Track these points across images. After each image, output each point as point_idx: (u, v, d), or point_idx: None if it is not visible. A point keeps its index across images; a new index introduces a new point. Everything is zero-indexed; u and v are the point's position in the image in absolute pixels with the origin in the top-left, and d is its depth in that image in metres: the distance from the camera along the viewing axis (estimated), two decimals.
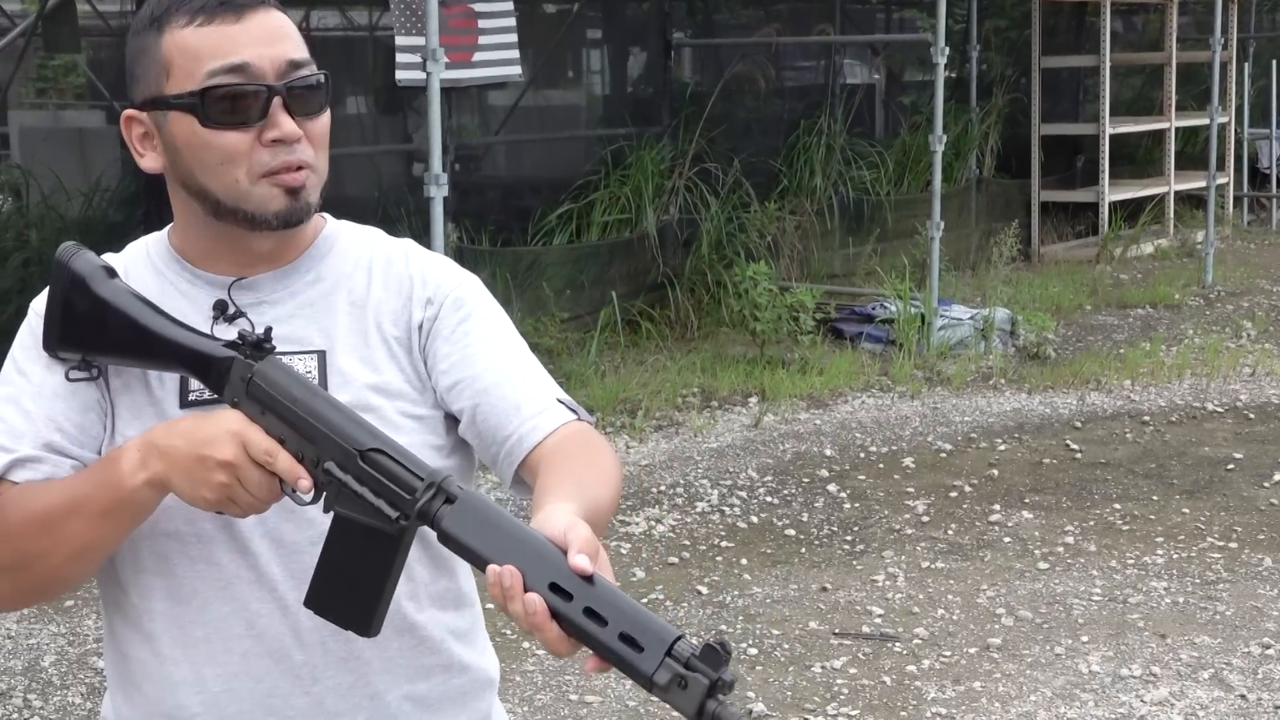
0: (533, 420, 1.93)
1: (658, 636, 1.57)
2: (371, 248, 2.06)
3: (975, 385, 9.62)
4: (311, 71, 1.92)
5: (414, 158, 11.01)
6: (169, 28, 1.88)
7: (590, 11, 12.95)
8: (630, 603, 1.60)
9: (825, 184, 12.32)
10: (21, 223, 8.66)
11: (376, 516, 1.74)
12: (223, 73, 1.86)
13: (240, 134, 1.88)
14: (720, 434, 8.53)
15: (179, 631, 1.95)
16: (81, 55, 12.81)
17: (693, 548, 6.76)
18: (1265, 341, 10.83)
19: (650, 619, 1.58)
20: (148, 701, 1.99)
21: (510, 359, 2.00)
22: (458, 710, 2.07)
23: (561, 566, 1.61)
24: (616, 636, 1.57)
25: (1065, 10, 15.42)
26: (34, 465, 1.91)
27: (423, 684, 2.02)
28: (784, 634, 5.83)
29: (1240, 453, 8.08)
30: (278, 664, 1.95)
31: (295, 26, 1.95)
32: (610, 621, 1.58)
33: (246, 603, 1.94)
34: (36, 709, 5.26)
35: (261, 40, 1.88)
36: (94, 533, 1.84)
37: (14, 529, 1.86)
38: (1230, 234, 15.41)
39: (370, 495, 1.74)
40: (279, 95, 1.88)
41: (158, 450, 1.79)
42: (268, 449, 1.76)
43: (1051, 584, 6.29)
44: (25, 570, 1.88)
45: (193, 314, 1.95)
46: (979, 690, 5.33)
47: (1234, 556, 6.57)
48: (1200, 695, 5.25)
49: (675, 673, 1.56)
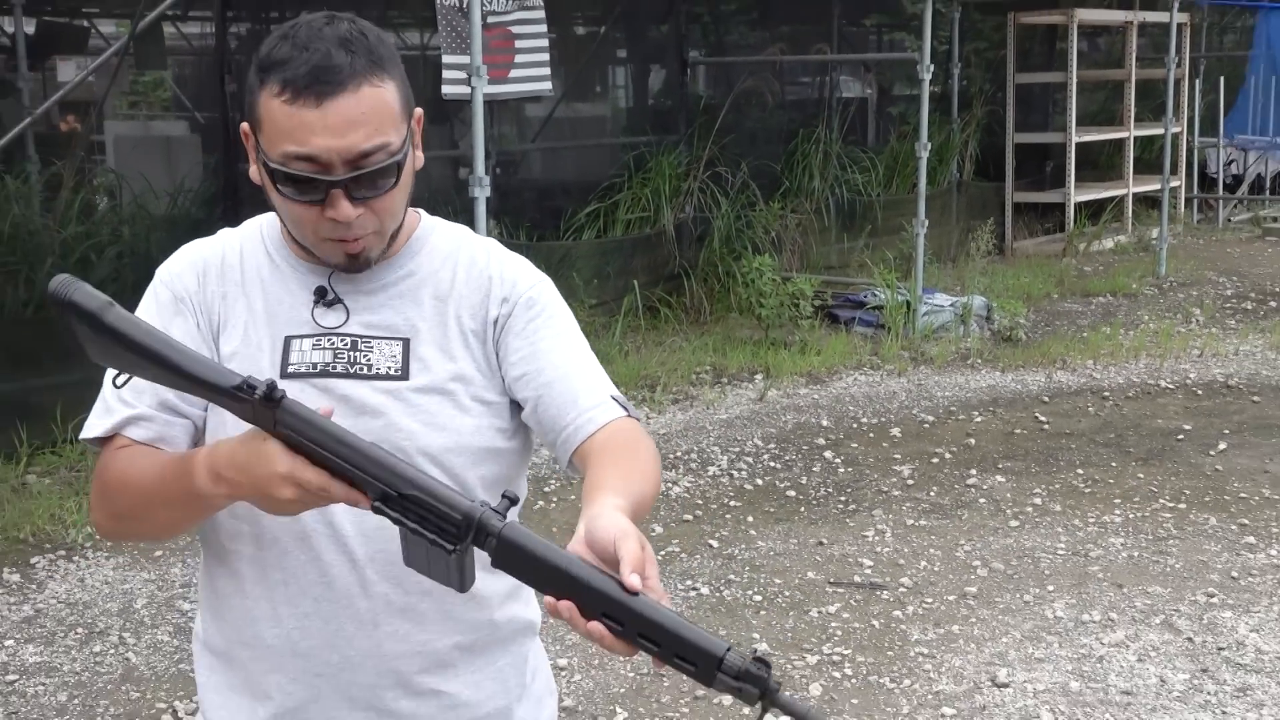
0: (588, 414, 1.94)
1: (706, 655, 1.54)
2: (458, 246, 2.06)
3: (955, 364, 9.61)
4: (385, 156, 1.86)
5: (460, 162, 11.00)
6: (266, 86, 1.84)
7: (616, 33, 12.93)
8: (676, 623, 1.54)
9: (823, 186, 12.31)
10: (116, 220, 8.69)
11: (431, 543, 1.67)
12: (294, 159, 1.83)
13: (306, 207, 1.87)
14: (729, 406, 8.54)
15: (261, 573, 1.98)
16: (168, 72, 12.82)
17: (705, 507, 6.78)
18: (1212, 326, 10.80)
19: (697, 638, 1.54)
20: (230, 629, 2.03)
21: (573, 357, 2.00)
22: (500, 653, 2.08)
23: (610, 596, 1.55)
24: (672, 655, 1.55)
25: (1037, 32, 15.41)
26: (146, 424, 1.93)
27: (471, 634, 2.04)
28: (785, 582, 5.84)
29: (1189, 425, 8.06)
30: (345, 609, 1.97)
31: (391, 95, 1.88)
32: (663, 645, 1.54)
33: (320, 553, 1.96)
34: (130, 645, 5.29)
35: (335, 130, 1.82)
36: (177, 518, 1.89)
37: (113, 490, 1.90)
38: (1182, 231, 15.36)
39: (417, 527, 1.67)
40: (340, 187, 1.84)
41: (223, 480, 1.77)
42: (320, 485, 1.70)
43: (1021, 540, 6.29)
44: (131, 521, 1.95)
45: (299, 293, 1.98)
46: (957, 633, 5.34)
47: (1183, 516, 6.56)
48: (1153, 638, 5.25)
49: (729, 686, 1.55)
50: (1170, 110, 13.61)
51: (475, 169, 7.40)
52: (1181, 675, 4.94)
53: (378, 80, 1.85)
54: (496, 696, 2.07)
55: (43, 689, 4.97)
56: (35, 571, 5.95)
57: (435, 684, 2.01)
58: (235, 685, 2.04)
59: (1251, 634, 5.26)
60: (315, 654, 1.98)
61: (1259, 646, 5.15)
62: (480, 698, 2.05)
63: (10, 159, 8.61)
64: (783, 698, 1.54)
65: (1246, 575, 5.84)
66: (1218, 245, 14.92)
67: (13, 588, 5.80)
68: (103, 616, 5.54)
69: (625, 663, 5.08)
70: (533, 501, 6.72)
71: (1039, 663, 5.06)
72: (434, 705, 2.02)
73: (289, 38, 1.86)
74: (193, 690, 4.82)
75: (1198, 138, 16.98)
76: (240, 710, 2.03)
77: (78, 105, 12.47)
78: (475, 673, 2.05)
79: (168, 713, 4.80)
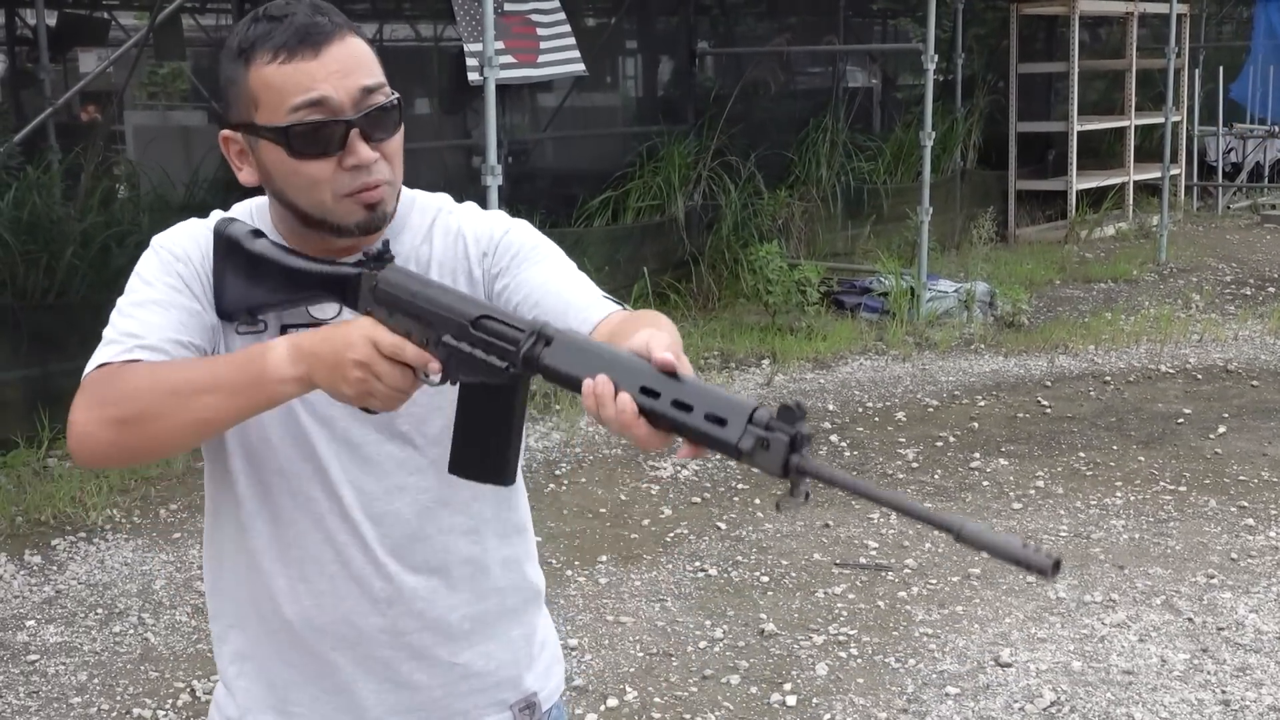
0: (583, 313, 1.88)
1: (738, 410, 1.53)
2: (434, 219, 2.03)
3: (959, 349, 9.58)
4: (385, 95, 1.88)
5: (473, 152, 10.96)
6: (254, 63, 1.84)
7: (626, 24, 12.87)
8: (711, 388, 1.56)
9: (829, 174, 12.28)
10: (135, 209, 8.67)
11: (490, 373, 1.72)
12: (304, 108, 1.82)
13: (323, 162, 1.85)
14: (737, 391, 8.51)
15: (279, 550, 1.99)
16: (186, 62, 12.79)
17: (713, 489, 6.76)
18: (1211, 312, 10.75)
19: (731, 397, 1.54)
20: (248, 605, 2.03)
21: (558, 273, 1.96)
22: (511, 624, 2.10)
23: (648, 371, 1.58)
24: (703, 418, 1.54)
25: (1039, 22, 15.35)
26: (160, 354, 1.85)
27: (480, 605, 2.06)
28: (792, 564, 5.82)
29: (1189, 409, 8.03)
30: (359, 587, 1.99)
31: (367, 45, 1.90)
32: (695, 407, 1.54)
33: (334, 534, 1.97)
34: (149, 625, 5.29)
35: (337, 73, 1.83)
36: (223, 408, 1.78)
37: (142, 390, 1.79)
38: (1182, 218, 15.30)
39: (482, 354, 1.72)
40: (356, 127, 1.84)
41: (303, 352, 1.75)
42: (394, 343, 1.71)
43: (1024, 522, 6.27)
44: (135, 427, 1.79)
45: None
46: (961, 613, 5.32)
47: (1183, 499, 6.53)
48: (1153, 618, 5.22)
49: (758, 437, 1.52)
50: (1170, 99, 13.56)
51: (488, 158, 7.36)
52: (1182, 655, 4.91)
53: (355, 34, 1.88)
54: (507, 666, 2.10)
55: (63, 668, 4.96)
56: (56, 553, 5.95)
57: (449, 655, 2.04)
58: (251, 658, 2.05)
59: (1251, 614, 5.23)
60: (332, 629, 2.00)
61: (1258, 626, 5.13)
62: (491, 667, 2.08)
63: (32, 149, 8.59)
64: (810, 463, 1.51)
65: (1246, 556, 5.81)
66: (1217, 232, 14.87)
67: (34, 569, 5.79)
68: (122, 597, 5.53)
69: (635, 642, 5.07)
70: (543, 485, 6.70)
71: (1041, 643, 5.03)
72: (448, 676, 2.05)
73: (260, 18, 1.86)
74: (211, 670, 4.82)
75: (1197, 126, 16.94)
76: (259, 681, 2.05)
77: (98, 95, 12.46)
78: (488, 642, 2.07)
79: (186, 691, 4.79)
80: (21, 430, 6.98)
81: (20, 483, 6.60)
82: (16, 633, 5.22)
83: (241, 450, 1.97)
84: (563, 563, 5.82)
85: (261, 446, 1.96)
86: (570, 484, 6.78)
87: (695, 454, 1.58)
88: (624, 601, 5.47)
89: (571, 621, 5.24)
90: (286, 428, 1.95)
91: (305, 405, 1.94)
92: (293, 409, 1.93)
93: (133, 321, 1.86)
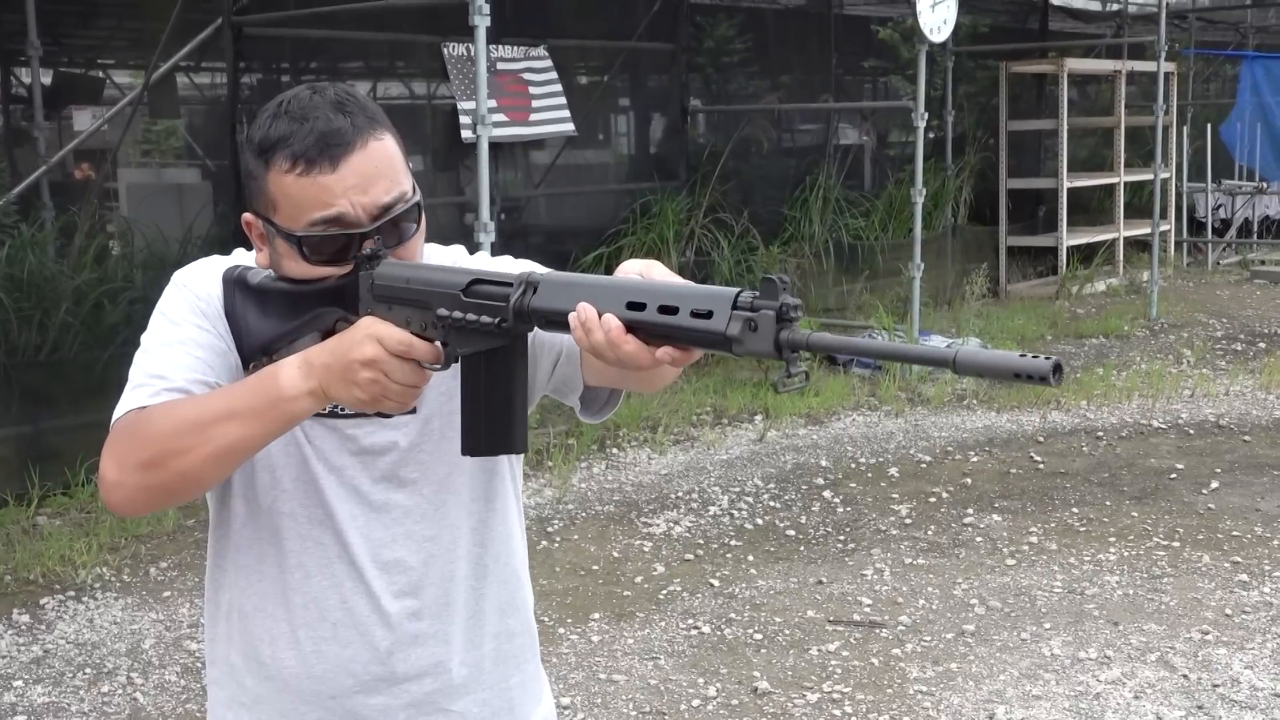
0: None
1: (721, 298, 1.54)
2: None
3: (951, 405, 9.57)
4: (403, 205, 1.88)
5: (465, 208, 10.98)
6: (273, 167, 1.83)
7: (618, 82, 12.92)
8: (695, 286, 1.58)
9: (822, 230, 12.31)
10: (128, 266, 8.66)
11: (486, 336, 1.75)
12: (320, 224, 1.83)
13: (336, 267, 1.87)
14: (730, 447, 8.49)
15: (283, 595, 1.99)
16: (181, 120, 12.82)
17: (706, 546, 6.72)
18: (1203, 367, 10.75)
19: (714, 289, 1.56)
20: (248, 649, 2.03)
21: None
22: (511, 671, 2.11)
23: (632, 287, 1.61)
24: (689, 315, 1.55)
25: (1028, 80, 15.45)
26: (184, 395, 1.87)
27: (478, 651, 2.07)
28: (785, 621, 5.78)
29: (1182, 464, 8.01)
30: (362, 636, 1.99)
31: (392, 141, 1.88)
32: (681, 307, 1.56)
33: (341, 581, 1.98)
34: (138, 685, 5.23)
35: (355, 188, 1.83)
36: (244, 434, 1.78)
37: (163, 430, 1.80)
38: (1172, 274, 15.35)
39: (474, 316, 1.74)
40: (369, 237, 1.85)
41: (313, 365, 1.76)
42: (401, 339, 1.73)
43: (1018, 578, 6.23)
44: (161, 468, 1.79)
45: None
46: (955, 670, 5.28)
47: (1176, 554, 6.50)
48: (1148, 675, 5.19)
49: (744, 319, 1.52)
50: (1159, 156, 13.61)
51: (480, 215, 7.36)
52: (1177, 712, 4.87)
53: (379, 134, 1.86)
54: (503, 714, 2.10)
55: None
56: (44, 612, 5.90)
57: (447, 703, 2.04)
58: (248, 705, 2.04)
59: (1246, 670, 5.20)
60: (330, 678, 2.00)
61: (1254, 683, 5.09)
62: (487, 714, 2.08)
63: (27, 206, 8.60)
64: (799, 334, 1.52)
65: (1240, 612, 5.77)
66: (1207, 288, 14.90)
67: (22, 628, 5.74)
68: (111, 657, 5.48)
69: (628, 700, 5.02)
70: (536, 541, 6.67)
71: (1036, 700, 4.99)
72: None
73: (281, 114, 1.85)
74: None
75: (1186, 183, 17.01)
76: None
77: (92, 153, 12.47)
78: (484, 690, 2.08)
79: None
80: (11, 488, 6.95)
81: (9, 541, 6.56)
82: (4, 693, 5.17)
83: (252, 494, 1.97)
84: (555, 620, 5.78)
85: (273, 490, 1.96)
86: (563, 540, 6.74)
87: (686, 358, 1.60)
88: (617, 659, 5.42)
89: (564, 680, 5.19)
90: (298, 473, 1.96)
91: (316, 453, 1.95)
92: (304, 456, 1.95)
93: (159, 363, 1.88)
